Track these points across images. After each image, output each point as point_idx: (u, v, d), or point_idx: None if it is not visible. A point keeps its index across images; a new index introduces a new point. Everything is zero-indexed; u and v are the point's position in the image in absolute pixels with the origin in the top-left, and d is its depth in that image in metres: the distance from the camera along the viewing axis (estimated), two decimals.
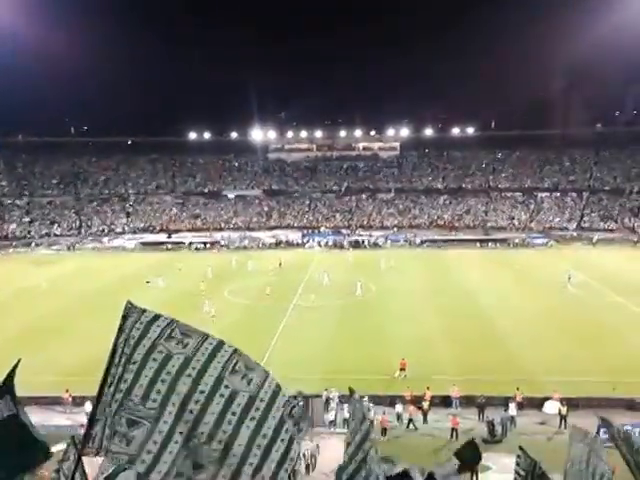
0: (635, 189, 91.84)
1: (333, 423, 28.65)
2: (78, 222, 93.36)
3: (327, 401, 29.43)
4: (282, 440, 2.83)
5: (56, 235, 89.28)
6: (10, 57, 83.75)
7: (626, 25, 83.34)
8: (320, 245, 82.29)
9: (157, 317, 3.11)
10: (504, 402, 29.06)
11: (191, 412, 2.87)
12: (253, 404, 2.87)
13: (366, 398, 26.58)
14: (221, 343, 3.06)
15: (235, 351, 3.03)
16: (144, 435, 2.83)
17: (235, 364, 2.96)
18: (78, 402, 29.22)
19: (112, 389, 2.97)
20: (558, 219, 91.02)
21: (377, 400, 29.36)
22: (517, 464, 5.09)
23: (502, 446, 25.08)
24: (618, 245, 77.59)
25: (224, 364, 2.94)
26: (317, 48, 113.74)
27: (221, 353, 2.99)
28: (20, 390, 3.99)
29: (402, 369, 33.27)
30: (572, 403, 28.79)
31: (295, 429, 2.90)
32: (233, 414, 2.84)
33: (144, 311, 3.13)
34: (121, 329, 3.09)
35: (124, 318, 3.10)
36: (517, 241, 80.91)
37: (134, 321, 3.09)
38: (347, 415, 26.60)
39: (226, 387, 2.89)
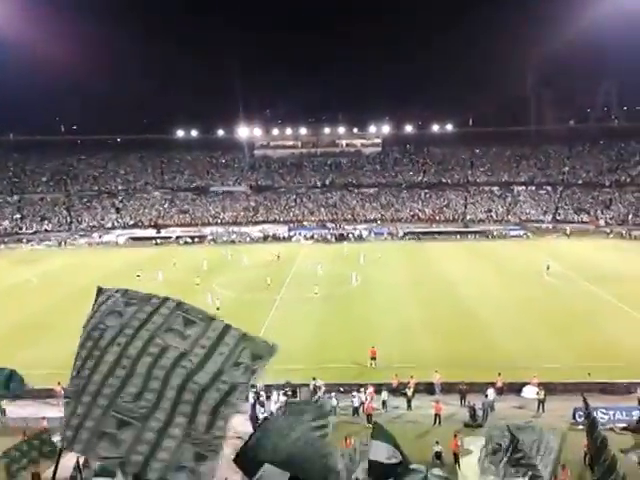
0: (607, 183, 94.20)
1: None
2: (69, 218, 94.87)
3: (314, 390, 29.73)
4: (217, 389, 2.80)
5: (47, 231, 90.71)
6: (1, 57, 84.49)
7: (597, 24, 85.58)
8: (306, 238, 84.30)
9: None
10: (484, 388, 29.21)
11: (119, 375, 2.91)
12: (185, 357, 2.87)
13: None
14: (164, 300, 3.24)
15: (178, 305, 3.18)
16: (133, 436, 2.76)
17: (173, 321, 3.05)
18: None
19: (94, 384, 2.96)
20: (534, 212, 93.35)
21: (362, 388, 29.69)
22: (491, 438, 5.59)
23: (483, 430, 24.92)
24: (591, 236, 79.61)
25: (160, 324, 3.03)
26: (301, 48, 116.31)
27: (162, 310, 3.11)
28: None
29: (373, 358, 33.61)
30: (549, 388, 29.38)
31: (245, 376, 2.86)
32: (162, 368, 2.84)
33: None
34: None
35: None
36: (495, 233, 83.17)
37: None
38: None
39: (156, 345, 2.92)
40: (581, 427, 24.97)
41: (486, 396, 28.58)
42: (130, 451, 2.72)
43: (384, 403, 29.27)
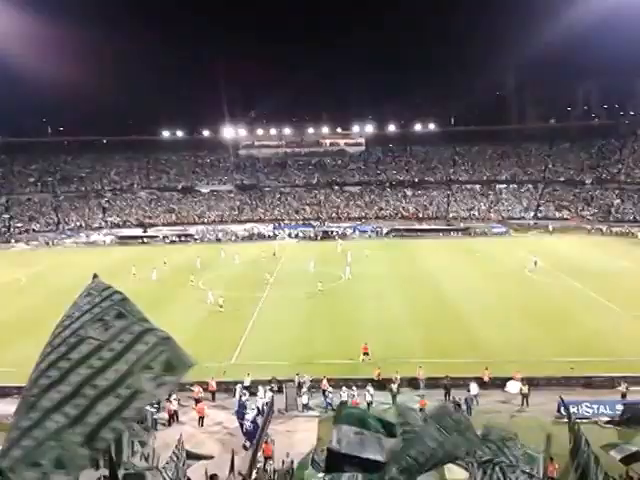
0: (588, 180, 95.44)
1: (306, 407, 29.19)
2: (56, 218, 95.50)
3: (299, 385, 29.88)
4: (118, 395, 2.53)
5: (35, 231, 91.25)
6: None
7: (577, 23, 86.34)
8: (291, 237, 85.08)
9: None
10: (469, 383, 29.52)
11: (38, 365, 2.72)
12: (99, 351, 2.69)
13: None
14: (114, 293, 3.10)
15: (122, 300, 3.03)
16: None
17: (107, 313, 2.93)
18: None
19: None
20: (516, 209, 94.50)
21: (348, 384, 29.89)
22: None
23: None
24: (573, 233, 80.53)
25: (95, 315, 2.91)
26: (285, 48, 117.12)
27: (105, 302, 3.00)
28: (3, 381, 5.11)
29: (365, 353, 33.97)
30: (533, 383, 29.63)
31: (151, 384, 2.58)
32: (67, 361, 2.65)
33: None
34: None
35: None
36: (477, 230, 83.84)
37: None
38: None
39: (77, 336, 2.77)
40: (565, 420, 25.51)
41: (469, 391, 29.04)
42: (8, 433, 2.48)
43: (369, 405, 28.38)
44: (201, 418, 28.09)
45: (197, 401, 29.19)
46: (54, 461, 2.38)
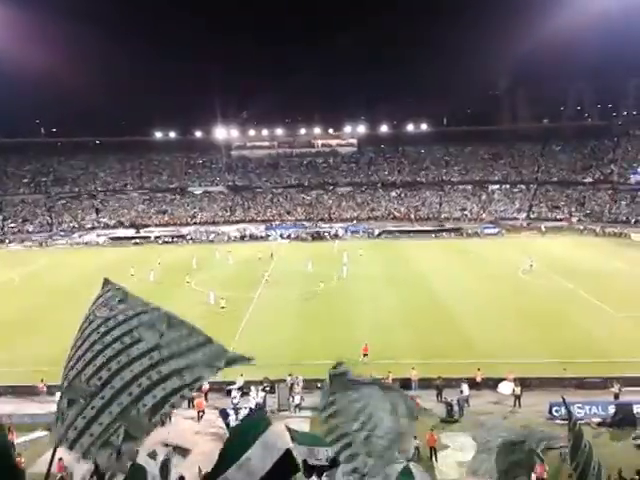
0: (580, 180, 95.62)
1: (298, 407, 29.08)
2: (49, 219, 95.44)
3: (291, 386, 29.78)
4: (181, 377, 2.85)
5: (28, 232, 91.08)
6: None
7: (570, 23, 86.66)
8: (283, 237, 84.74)
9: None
10: (461, 383, 29.43)
11: (85, 359, 2.94)
12: (155, 350, 2.94)
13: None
14: (157, 308, 3.21)
15: (167, 313, 3.17)
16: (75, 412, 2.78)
17: (157, 321, 3.08)
18: (53, 392, 28.40)
19: (72, 371, 2.97)
20: (508, 210, 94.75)
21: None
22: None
23: (459, 425, 26.30)
24: (565, 234, 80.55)
25: (143, 322, 3.07)
26: (277, 49, 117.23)
27: (151, 312, 3.15)
28: None
29: (365, 354, 33.74)
30: (525, 383, 29.53)
31: (209, 371, 2.91)
32: (127, 355, 2.89)
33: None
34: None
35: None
36: (470, 231, 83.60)
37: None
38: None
39: (132, 337, 2.98)
40: (558, 422, 25.32)
41: (461, 392, 28.92)
42: (69, 426, 2.74)
43: None
44: (200, 412, 28.37)
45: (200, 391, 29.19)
46: (123, 435, 2.71)
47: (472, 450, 5.20)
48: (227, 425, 26.13)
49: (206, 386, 30.10)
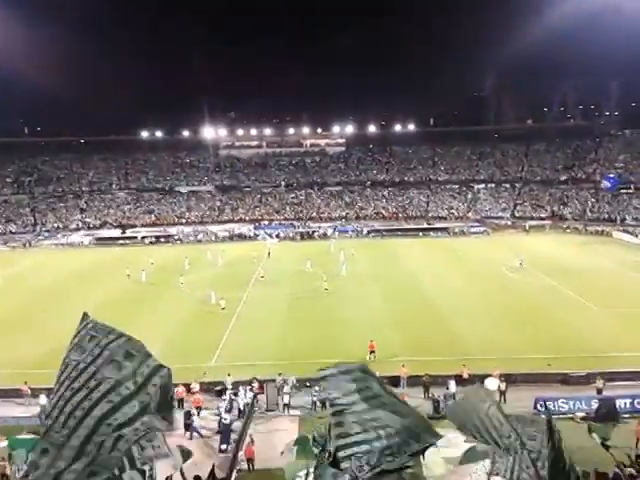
0: (564, 180, 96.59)
1: (288, 406, 29.08)
2: (33, 220, 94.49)
3: (281, 385, 29.74)
4: (135, 429, 3.07)
5: (12, 233, 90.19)
6: None
7: (554, 25, 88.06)
8: (272, 237, 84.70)
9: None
10: (448, 380, 29.71)
11: (58, 407, 3.18)
12: (115, 389, 3.16)
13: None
14: (120, 336, 3.42)
15: (128, 340, 3.39)
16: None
17: (116, 353, 3.29)
18: (37, 394, 28.75)
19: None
20: (494, 209, 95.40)
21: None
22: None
23: (446, 422, 27.28)
24: (549, 232, 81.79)
25: (106, 358, 3.29)
26: (266, 49, 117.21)
27: (113, 345, 3.35)
28: None
29: (372, 351, 33.99)
30: (511, 379, 29.96)
31: (161, 424, 3.15)
32: (90, 400, 3.10)
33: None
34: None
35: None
36: (456, 230, 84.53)
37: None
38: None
39: (96, 380, 3.20)
40: (542, 416, 26.24)
41: (447, 388, 29.28)
42: (43, 475, 2.95)
43: None
44: (198, 409, 28.49)
45: (191, 393, 29.63)
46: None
47: (460, 446, 5.31)
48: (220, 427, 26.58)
49: (196, 387, 30.36)
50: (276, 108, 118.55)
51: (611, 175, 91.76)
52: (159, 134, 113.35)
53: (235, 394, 29.21)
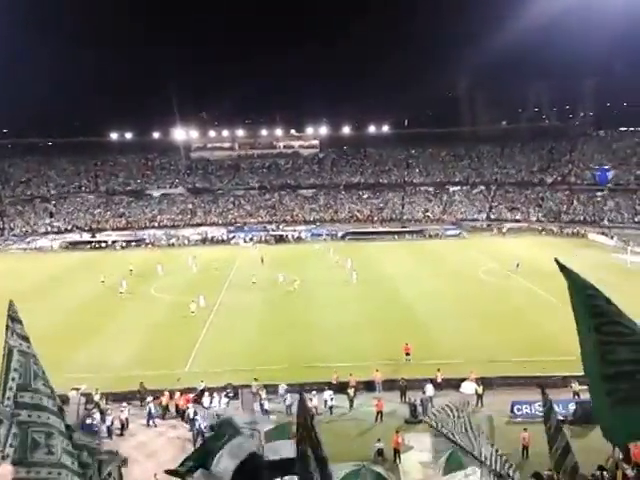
0: (538, 181, 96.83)
1: (266, 411, 28.70)
2: (1, 224, 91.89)
3: (257, 392, 29.72)
4: None
5: None
6: None
7: (528, 26, 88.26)
8: (245, 241, 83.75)
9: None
10: (424, 384, 29.62)
11: None
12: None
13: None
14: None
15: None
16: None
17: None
18: None
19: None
20: (469, 211, 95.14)
21: (307, 388, 29.08)
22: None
23: (423, 426, 25.53)
24: (525, 234, 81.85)
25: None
26: (237, 49, 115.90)
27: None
28: None
29: (407, 353, 34.13)
30: (487, 383, 30.13)
31: None
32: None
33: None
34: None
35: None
36: (432, 232, 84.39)
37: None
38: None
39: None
40: (519, 420, 26.64)
41: (424, 392, 29.07)
42: None
43: (326, 402, 29.13)
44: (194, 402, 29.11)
45: (181, 394, 30.01)
46: None
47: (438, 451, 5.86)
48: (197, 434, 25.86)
49: (176, 394, 30.27)
50: (248, 109, 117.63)
51: (606, 167, 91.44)
52: (129, 135, 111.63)
53: (195, 413, 28.11)
